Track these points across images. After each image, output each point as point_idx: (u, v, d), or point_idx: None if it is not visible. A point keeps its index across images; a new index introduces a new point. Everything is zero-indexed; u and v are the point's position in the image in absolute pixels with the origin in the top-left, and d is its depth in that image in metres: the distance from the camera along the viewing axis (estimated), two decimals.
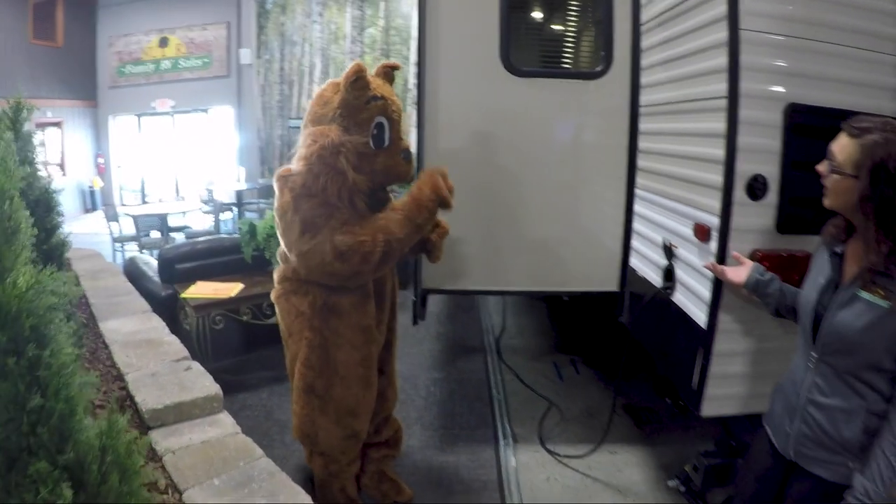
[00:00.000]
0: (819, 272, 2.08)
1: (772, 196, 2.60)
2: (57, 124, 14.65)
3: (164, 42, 14.91)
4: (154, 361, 3.64)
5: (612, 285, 3.90)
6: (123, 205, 15.50)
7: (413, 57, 12.94)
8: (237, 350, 5.31)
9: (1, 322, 1.44)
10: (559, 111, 3.83)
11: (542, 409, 4.61)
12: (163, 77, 15.11)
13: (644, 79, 3.63)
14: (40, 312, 1.50)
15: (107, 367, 3.76)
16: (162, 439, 3.01)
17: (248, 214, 11.70)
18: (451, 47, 3.76)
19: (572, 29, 4.09)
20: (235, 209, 11.90)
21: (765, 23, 2.53)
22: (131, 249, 9.17)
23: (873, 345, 1.83)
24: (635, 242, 3.77)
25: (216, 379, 3.36)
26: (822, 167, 1.96)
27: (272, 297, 3.23)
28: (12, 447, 1.49)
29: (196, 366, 3.58)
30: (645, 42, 3.60)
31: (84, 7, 15.09)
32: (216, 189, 12.11)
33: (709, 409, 2.81)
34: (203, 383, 3.34)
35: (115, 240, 9.29)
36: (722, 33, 2.61)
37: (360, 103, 2.90)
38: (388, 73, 3.21)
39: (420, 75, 3.78)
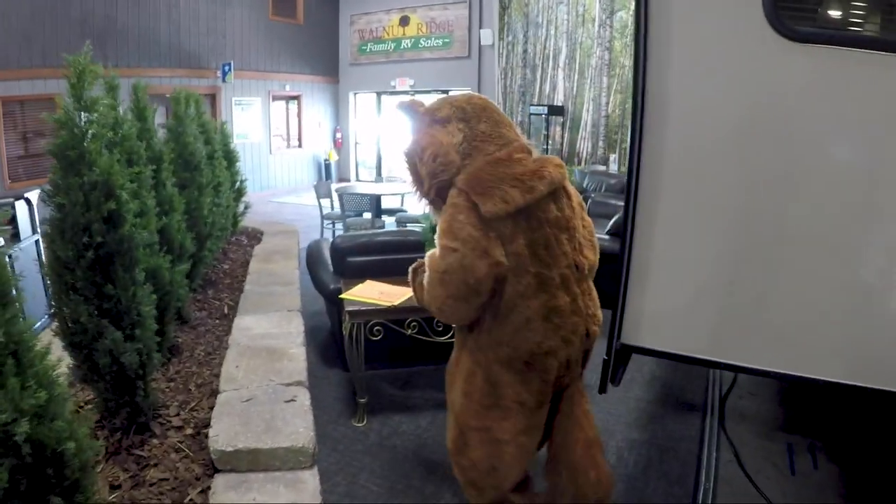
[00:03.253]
0: None
1: None
2: (295, 98, 15.15)
3: (404, 21, 14.88)
4: (260, 380, 3.09)
5: None
6: (359, 180, 15.91)
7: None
8: (402, 359, 4.64)
9: None
10: (855, 99, 2.29)
11: None
12: (403, 56, 15.13)
13: None
14: None
15: (212, 376, 3.30)
16: (223, 490, 2.41)
17: None
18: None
19: None
20: None
21: None
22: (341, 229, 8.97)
23: None
24: None
25: (371, 388, 2.69)
26: None
27: None
28: None
29: (301, 398, 2.96)
30: None
31: None
32: None
33: None
34: (296, 428, 2.70)
35: (324, 216, 9.12)
36: None
37: None
38: None
39: (637, 42, 2.48)
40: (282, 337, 3.62)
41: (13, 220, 5.15)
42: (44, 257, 5.77)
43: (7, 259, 4.75)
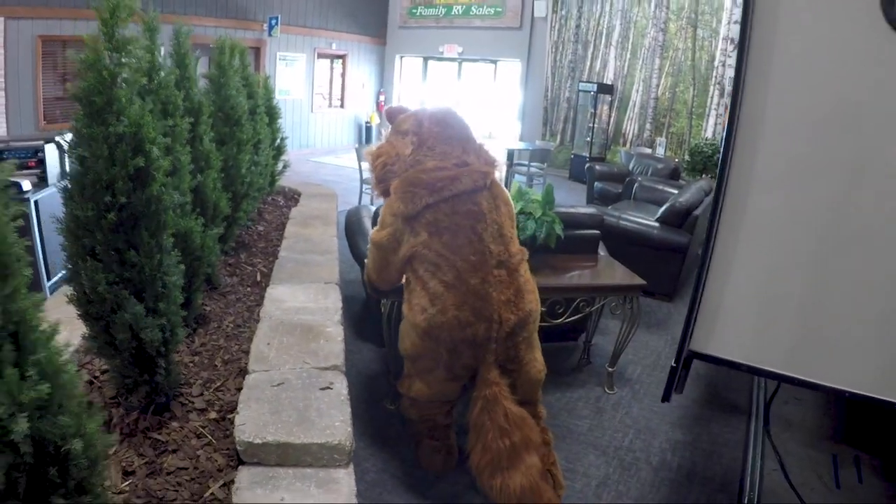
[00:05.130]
0: None
1: None
2: (341, 57, 14.91)
3: None
4: (293, 361, 2.82)
5: None
6: None
7: (723, 30, 11.29)
8: None
9: None
10: None
11: None
12: (453, 22, 14.80)
13: None
14: None
15: (240, 352, 3.03)
16: (247, 486, 2.15)
17: (516, 178, 10.81)
18: None
19: None
20: (504, 169, 11.05)
21: None
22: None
23: None
24: None
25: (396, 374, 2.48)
26: None
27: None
28: None
29: (339, 386, 2.69)
30: None
31: None
32: (489, 143, 11.38)
33: None
34: (332, 420, 2.43)
35: (363, 181, 8.83)
36: None
37: None
38: None
39: (743, 37, 2.32)
40: (318, 312, 3.34)
41: (41, 164, 5.08)
42: None
43: (31, 207, 4.56)
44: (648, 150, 12.20)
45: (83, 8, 9.46)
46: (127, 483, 2.23)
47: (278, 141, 6.67)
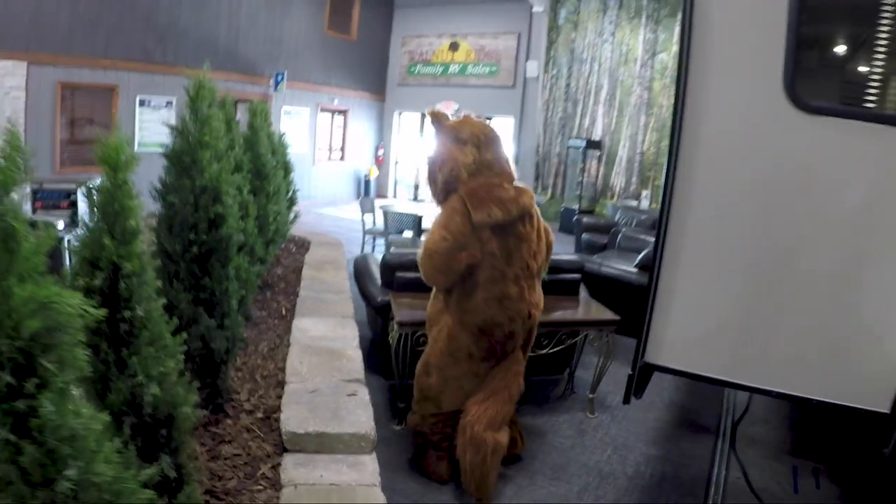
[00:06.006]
0: None
1: None
2: (342, 112, 15.52)
3: (454, 46, 15.26)
4: (323, 376, 3.39)
5: (882, 405, 2.89)
6: (396, 198, 16.26)
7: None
8: None
9: None
10: (854, 161, 2.79)
11: None
12: (449, 80, 15.50)
13: None
14: (28, 334, 1.20)
15: (276, 369, 3.59)
16: (292, 467, 2.71)
17: None
18: (720, 65, 2.90)
19: (879, 59, 3.06)
20: None
21: None
22: (381, 244, 9.31)
23: None
24: None
25: (408, 397, 3.02)
26: None
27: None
28: None
29: (362, 394, 3.26)
30: None
31: (380, 6, 15.91)
32: None
33: None
34: (359, 417, 3.00)
35: (366, 231, 9.42)
36: None
37: None
38: None
39: (679, 99, 3.01)
40: (339, 340, 3.91)
41: (73, 206, 5.46)
42: None
43: (65, 243, 5.07)
44: (634, 203, 12.74)
45: (101, 57, 10.01)
46: (192, 465, 2.77)
47: (291, 193, 7.27)
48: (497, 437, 3.43)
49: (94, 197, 1.86)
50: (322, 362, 3.55)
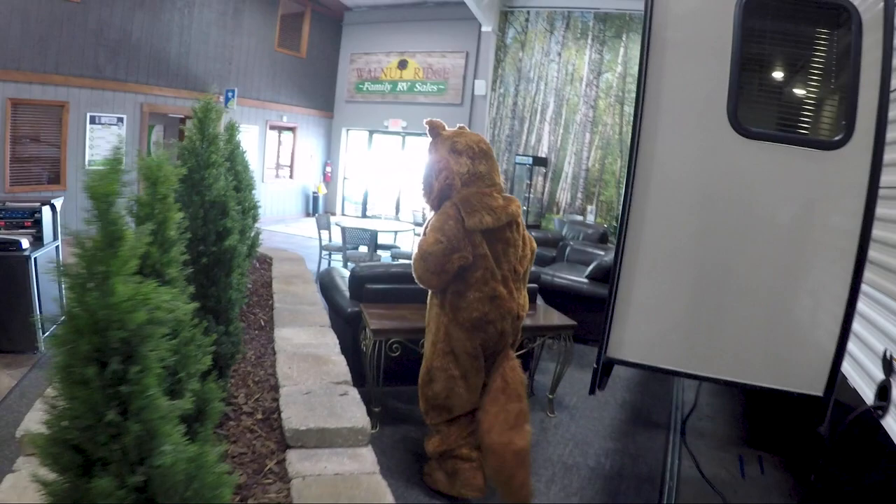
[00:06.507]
0: None
1: None
2: (291, 129, 15.72)
3: (403, 64, 15.54)
4: (313, 379, 3.59)
5: (816, 389, 3.32)
6: (344, 215, 16.39)
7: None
8: (412, 378, 5.19)
9: (89, 329, 1.34)
10: (788, 181, 3.28)
11: None
12: (398, 98, 15.75)
13: (888, 155, 3.05)
14: (132, 327, 1.38)
15: (266, 375, 3.78)
16: (297, 461, 2.91)
17: None
18: (673, 97, 3.34)
19: (811, 90, 3.54)
20: None
21: None
22: (338, 259, 9.52)
23: None
24: (852, 346, 3.20)
25: (381, 402, 3.22)
26: None
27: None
28: (88, 453, 1.43)
29: (353, 393, 3.47)
30: (893, 113, 3.05)
31: (330, 24, 16.17)
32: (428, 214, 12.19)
33: None
34: (354, 413, 3.22)
35: (322, 247, 9.63)
36: None
37: None
38: None
39: (636, 125, 3.39)
40: (321, 346, 4.12)
41: (37, 224, 5.56)
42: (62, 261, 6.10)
43: (31, 264, 5.13)
44: (580, 217, 13.14)
45: (52, 73, 9.98)
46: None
47: (254, 209, 7.42)
48: (514, 437, 3.62)
49: (134, 210, 2.04)
50: (310, 367, 3.75)
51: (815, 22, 3.38)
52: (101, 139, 10.90)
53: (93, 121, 10.78)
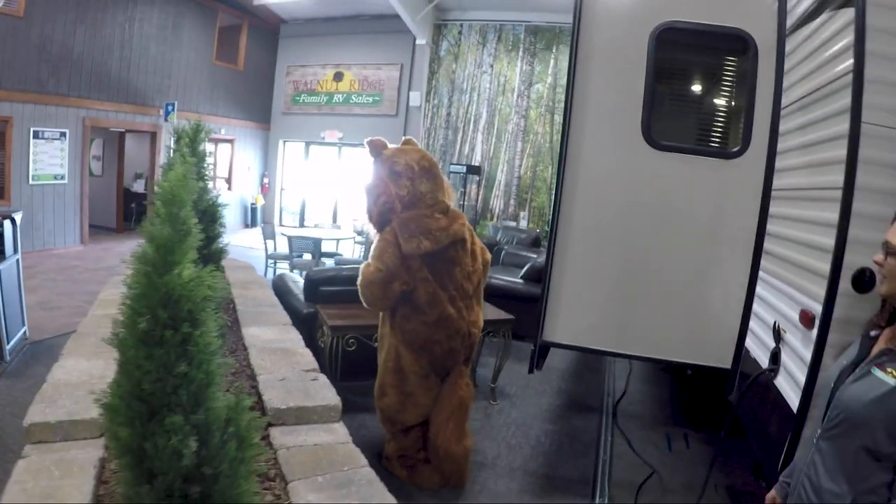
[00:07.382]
0: (846, 355, 2.04)
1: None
2: (229, 141, 15.88)
3: (338, 76, 15.80)
4: (285, 368, 4.00)
5: (725, 362, 3.90)
6: (282, 225, 16.53)
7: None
8: (367, 373, 5.57)
9: (166, 302, 1.77)
10: (694, 187, 3.83)
11: (643, 476, 4.56)
12: (334, 109, 15.98)
13: (779, 163, 3.67)
14: (197, 300, 1.81)
15: (242, 367, 4.17)
16: (280, 436, 3.33)
17: None
18: (596, 113, 3.86)
19: (714, 106, 4.16)
20: None
21: (889, 117, 2.60)
22: (282, 267, 9.86)
23: (874, 422, 1.77)
24: (753, 323, 3.78)
25: (340, 395, 3.65)
26: (878, 257, 1.93)
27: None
28: (156, 402, 1.75)
29: (322, 378, 3.89)
30: (783, 126, 3.66)
31: (267, 36, 16.38)
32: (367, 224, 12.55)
33: None
34: (325, 394, 3.65)
35: (268, 256, 9.92)
36: (844, 125, 2.69)
37: None
38: None
39: (564, 138, 3.92)
40: (288, 342, 4.50)
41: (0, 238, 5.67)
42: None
43: None
44: (513, 223, 13.64)
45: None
46: None
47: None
48: (466, 444, 4.09)
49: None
50: (280, 359, 4.14)
51: (718, 49, 4.01)
52: (45, 154, 10.97)
53: (36, 136, 10.84)
